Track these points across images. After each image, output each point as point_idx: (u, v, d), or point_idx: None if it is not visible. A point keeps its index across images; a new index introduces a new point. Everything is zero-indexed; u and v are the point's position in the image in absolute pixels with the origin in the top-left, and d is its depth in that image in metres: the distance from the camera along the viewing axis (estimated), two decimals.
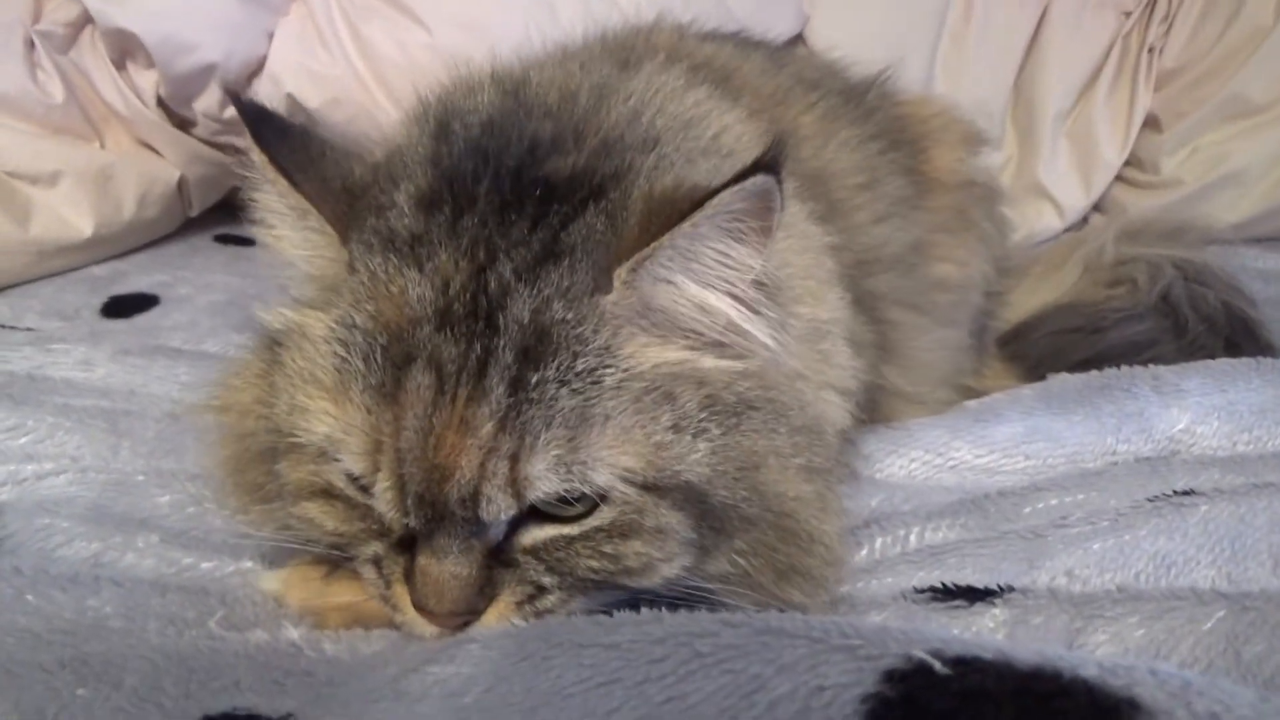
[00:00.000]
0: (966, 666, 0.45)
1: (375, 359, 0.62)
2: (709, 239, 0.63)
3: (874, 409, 1.03)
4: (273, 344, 0.72)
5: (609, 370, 0.62)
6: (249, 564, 0.78)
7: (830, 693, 0.45)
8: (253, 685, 0.57)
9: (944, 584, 0.74)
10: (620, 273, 0.63)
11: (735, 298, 0.65)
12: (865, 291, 0.99)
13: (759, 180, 0.61)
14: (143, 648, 0.60)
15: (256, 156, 0.68)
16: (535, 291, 0.63)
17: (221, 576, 0.76)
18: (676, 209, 0.62)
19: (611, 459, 0.61)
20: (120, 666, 0.56)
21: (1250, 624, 0.59)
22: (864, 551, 0.83)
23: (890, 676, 0.45)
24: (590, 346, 0.62)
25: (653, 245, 0.62)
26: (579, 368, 0.62)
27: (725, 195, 0.61)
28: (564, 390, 0.61)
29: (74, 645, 0.59)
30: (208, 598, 0.71)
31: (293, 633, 0.66)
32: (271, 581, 0.75)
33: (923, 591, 0.73)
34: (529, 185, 0.67)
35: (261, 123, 0.69)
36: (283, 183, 0.68)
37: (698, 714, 0.47)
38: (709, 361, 0.66)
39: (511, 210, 0.65)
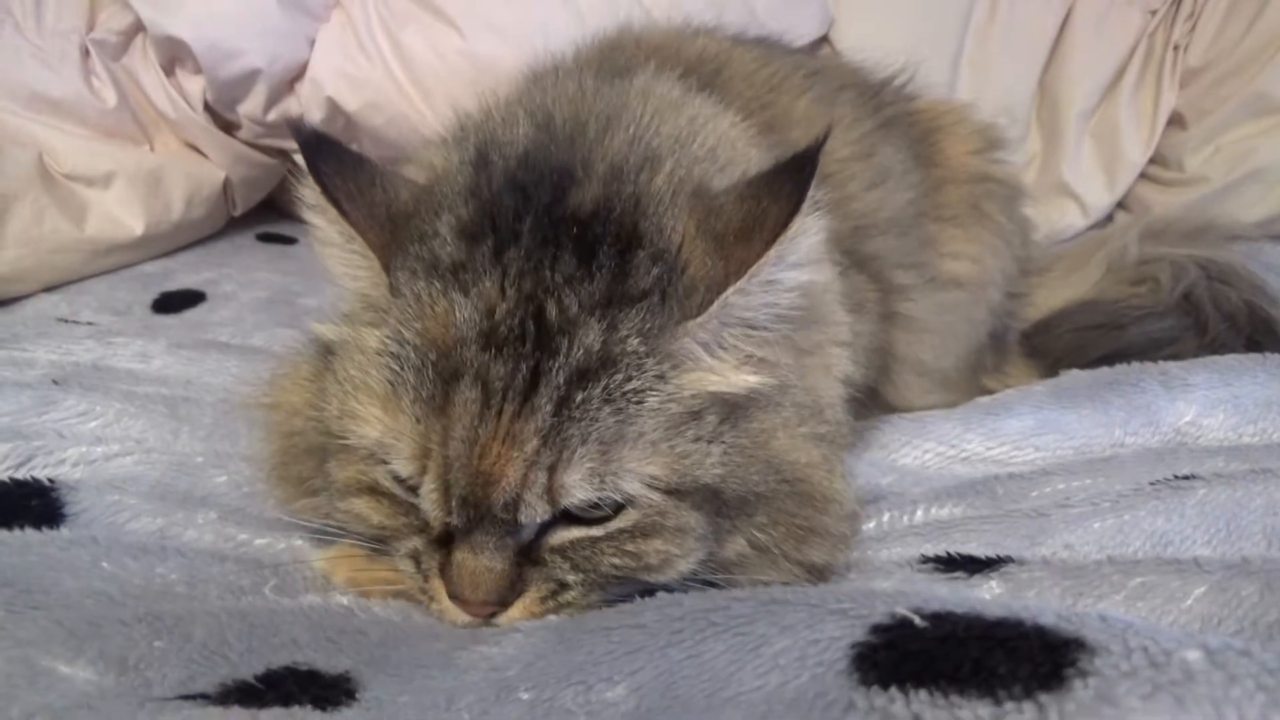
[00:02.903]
0: (942, 619, 0.51)
1: (426, 373, 0.67)
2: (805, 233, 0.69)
3: (885, 374, 1.08)
4: (325, 352, 0.77)
5: (654, 393, 0.67)
6: (299, 541, 0.84)
7: (824, 643, 0.51)
8: (310, 643, 0.63)
9: (948, 553, 0.78)
10: (727, 296, 0.68)
11: (807, 264, 0.71)
12: (865, 255, 1.03)
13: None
14: (207, 608, 0.66)
15: (310, 184, 0.72)
16: (610, 325, 0.67)
17: (274, 553, 0.82)
18: (764, 230, 0.68)
19: (639, 469, 0.66)
20: (189, 623, 0.62)
21: (1224, 603, 0.64)
22: (873, 524, 0.88)
23: (876, 629, 0.51)
24: (646, 372, 0.67)
25: (759, 262, 0.67)
26: (627, 388, 0.66)
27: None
28: (606, 409, 0.65)
29: (146, 606, 0.65)
30: (261, 568, 0.77)
31: (342, 599, 0.72)
32: (319, 561, 0.81)
33: (927, 561, 0.78)
34: (560, 222, 0.71)
35: (317, 151, 0.73)
36: (331, 211, 0.72)
37: (711, 666, 0.54)
38: (744, 379, 0.71)
39: (553, 245, 0.70)
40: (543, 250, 0.69)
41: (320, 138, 0.75)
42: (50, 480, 0.83)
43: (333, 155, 0.74)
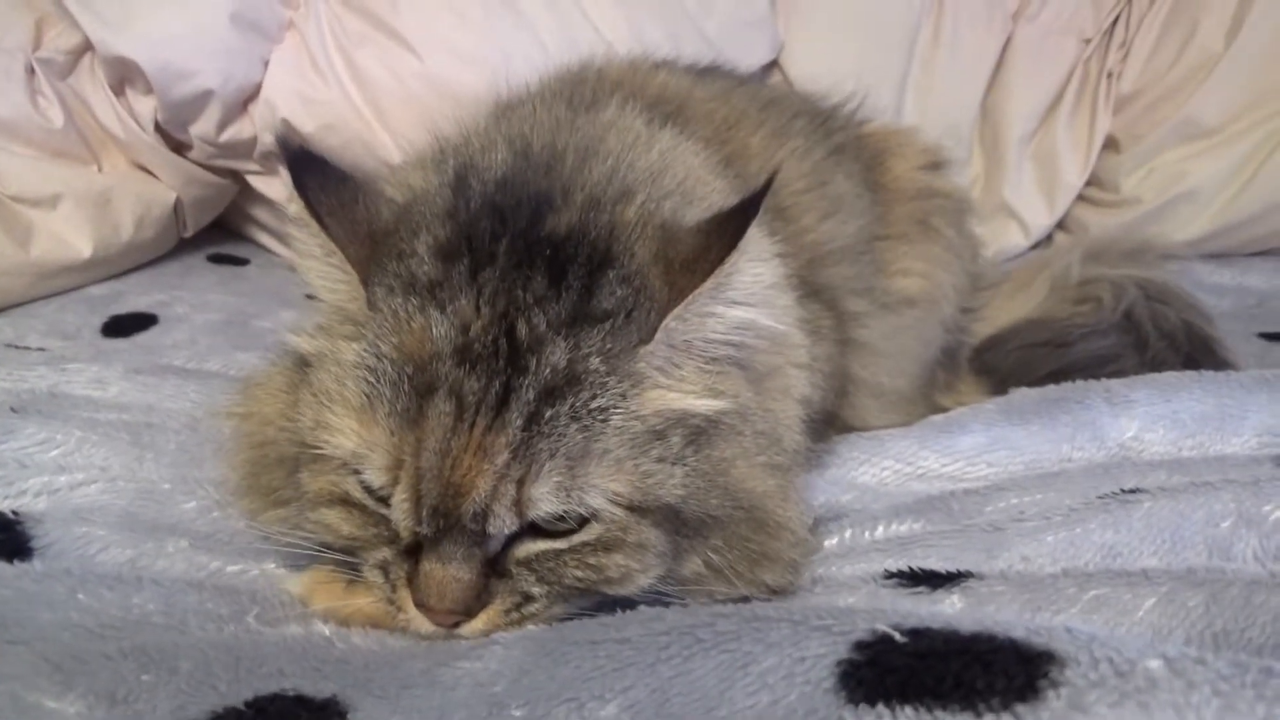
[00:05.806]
0: (920, 635, 0.54)
1: (401, 386, 0.69)
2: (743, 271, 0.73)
3: (843, 397, 1.12)
4: (300, 365, 0.79)
5: (618, 412, 0.70)
6: (271, 566, 0.84)
7: (810, 661, 0.54)
8: (295, 672, 0.63)
9: (910, 568, 0.81)
10: (668, 321, 0.72)
11: (752, 304, 0.75)
12: (821, 284, 1.07)
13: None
14: (189, 639, 0.66)
15: (294, 200, 0.75)
16: (574, 345, 0.70)
17: (249, 579, 0.82)
18: (706, 260, 0.72)
19: (604, 485, 0.69)
20: (174, 655, 0.62)
21: (1173, 614, 0.68)
22: (835, 540, 0.90)
23: (859, 646, 0.54)
24: (610, 390, 0.70)
25: (694, 292, 0.71)
26: (593, 406, 0.69)
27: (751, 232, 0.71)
28: (574, 425, 0.69)
29: (128, 638, 0.65)
30: (239, 596, 0.77)
31: (323, 628, 0.73)
32: (294, 584, 0.81)
33: (890, 576, 0.80)
34: (535, 244, 0.74)
35: (302, 167, 0.75)
36: (313, 225, 0.75)
37: (701, 684, 0.56)
38: (703, 404, 0.74)
39: (526, 267, 0.73)
40: (517, 271, 0.73)
41: (307, 154, 0.78)
42: (14, 513, 0.82)
43: (318, 171, 0.76)
